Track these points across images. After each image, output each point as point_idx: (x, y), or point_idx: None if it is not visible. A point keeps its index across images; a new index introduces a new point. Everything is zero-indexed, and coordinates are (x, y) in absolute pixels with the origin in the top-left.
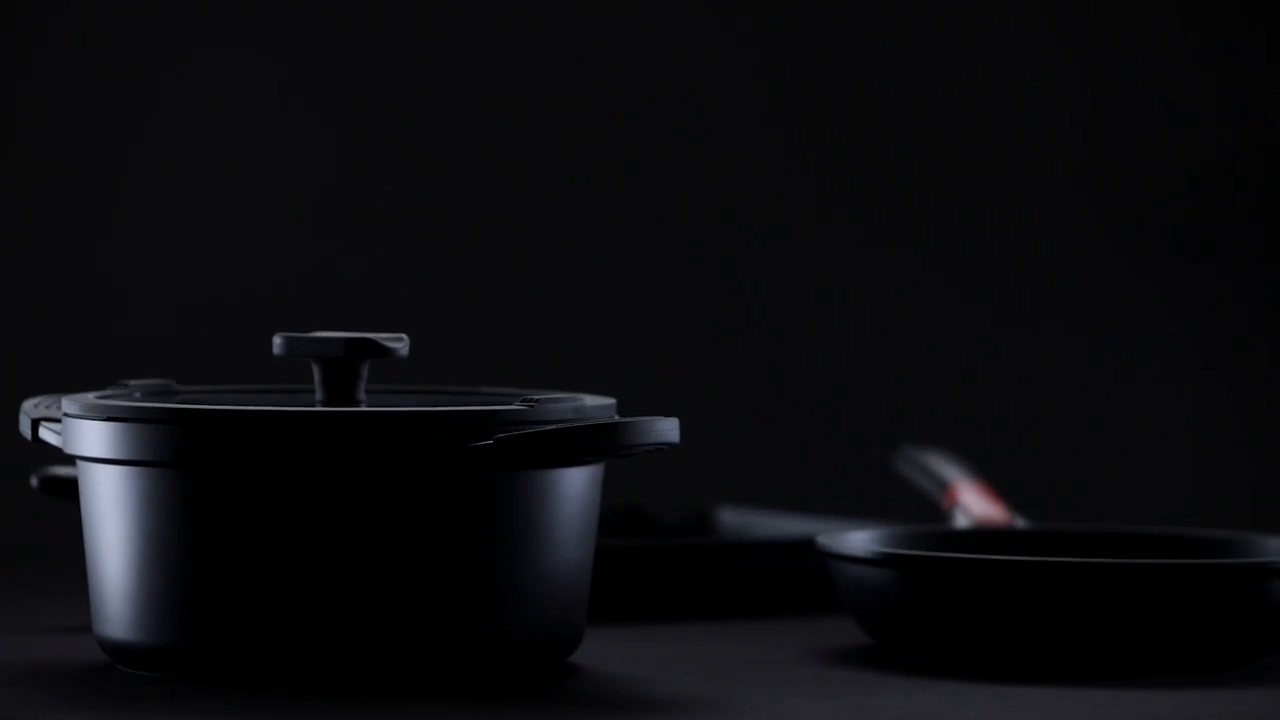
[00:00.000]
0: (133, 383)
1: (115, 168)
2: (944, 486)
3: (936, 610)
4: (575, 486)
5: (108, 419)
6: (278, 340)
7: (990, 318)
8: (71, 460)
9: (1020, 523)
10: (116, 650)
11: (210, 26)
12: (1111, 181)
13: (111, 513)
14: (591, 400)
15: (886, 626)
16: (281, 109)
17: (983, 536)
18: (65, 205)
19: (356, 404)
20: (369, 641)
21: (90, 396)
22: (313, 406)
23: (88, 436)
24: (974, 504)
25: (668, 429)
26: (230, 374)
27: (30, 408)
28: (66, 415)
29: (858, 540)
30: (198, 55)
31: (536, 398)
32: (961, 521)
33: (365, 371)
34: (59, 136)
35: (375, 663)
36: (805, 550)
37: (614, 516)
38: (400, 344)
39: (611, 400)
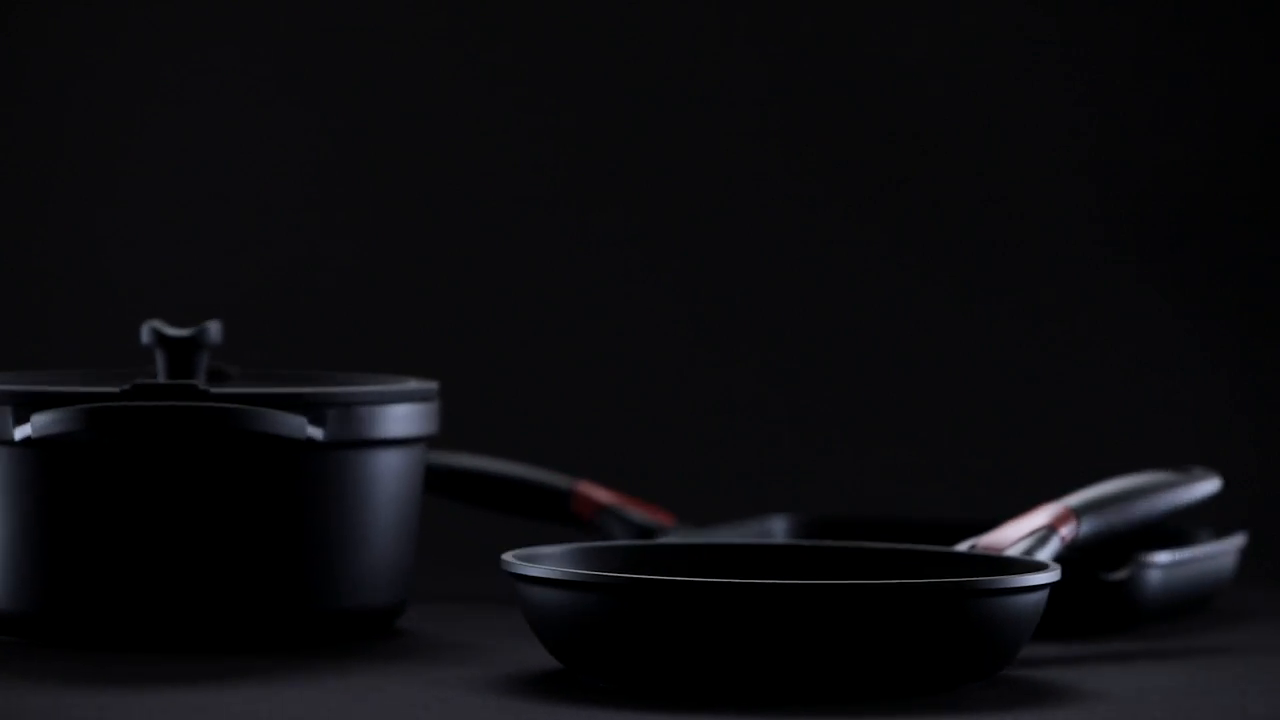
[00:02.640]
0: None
1: (113, 166)
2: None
3: (614, 633)
4: (392, 465)
5: None
6: (143, 329)
7: (990, 318)
8: None
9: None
10: None
11: (210, 25)
12: (1111, 181)
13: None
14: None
15: (567, 650)
16: (277, 107)
17: (678, 551)
18: (65, 203)
19: (189, 386)
20: (204, 606)
21: None
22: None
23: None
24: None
25: (291, 423)
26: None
27: None
28: None
29: (539, 559)
30: (197, 54)
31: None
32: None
33: (203, 358)
34: (59, 134)
35: (211, 625)
36: None
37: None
38: (206, 333)
39: (416, 383)
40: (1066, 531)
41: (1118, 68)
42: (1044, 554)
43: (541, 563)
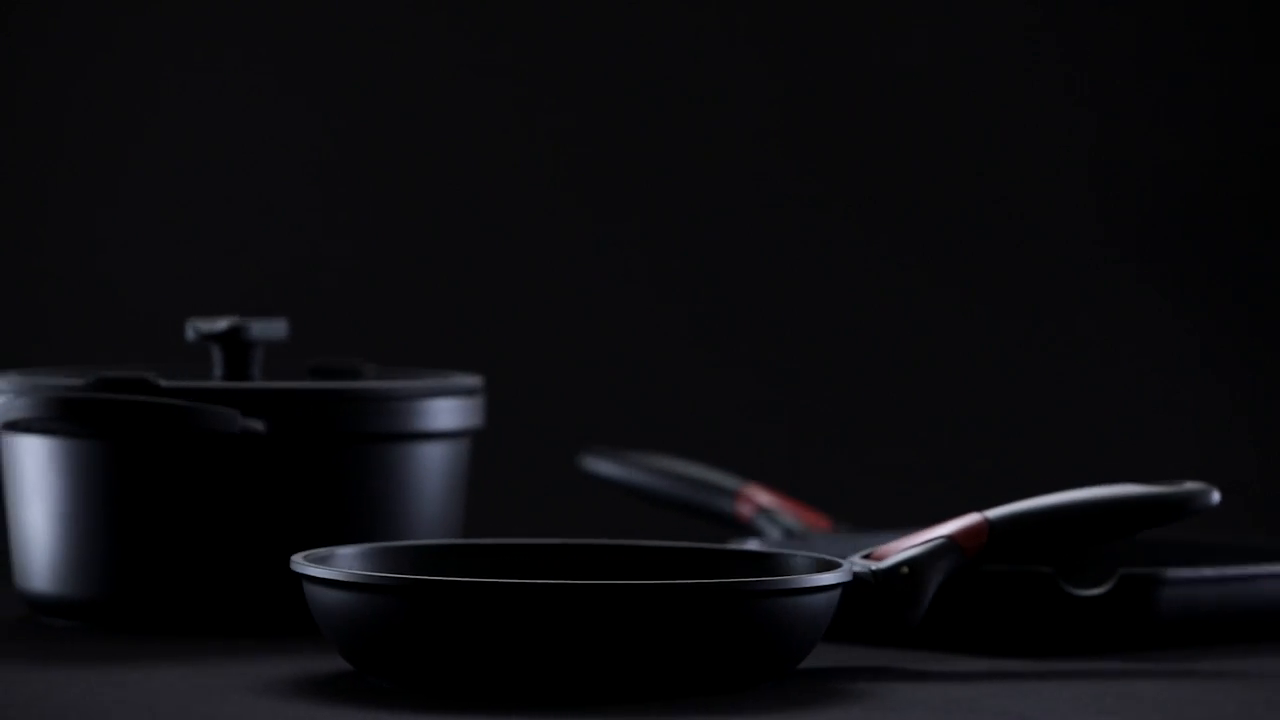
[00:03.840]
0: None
1: (112, 163)
2: (732, 492)
3: (395, 634)
4: (436, 458)
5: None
6: (188, 326)
7: (989, 318)
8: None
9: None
10: (37, 601)
11: (210, 25)
12: (1112, 181)
13: (36, 478)
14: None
15: (353, 651)
16: (278, 106)
17: (472, 551)
18: (65, 201)
19: (143, 380)
20: (241, 597)
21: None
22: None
23: (11, 410)
24: (786, 508)
25: (224, 417)
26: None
27: None
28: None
29: (326, 560)
30: (197, 54)
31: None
32: (773, 528)
33: (259, 353)
34: (59, 130)
35: (250, 614)
36: None
37: None
38: (275, 328)
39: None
40: (972, 544)
41: (1118, 68)
42: (938, 565)
43: (330, 564)
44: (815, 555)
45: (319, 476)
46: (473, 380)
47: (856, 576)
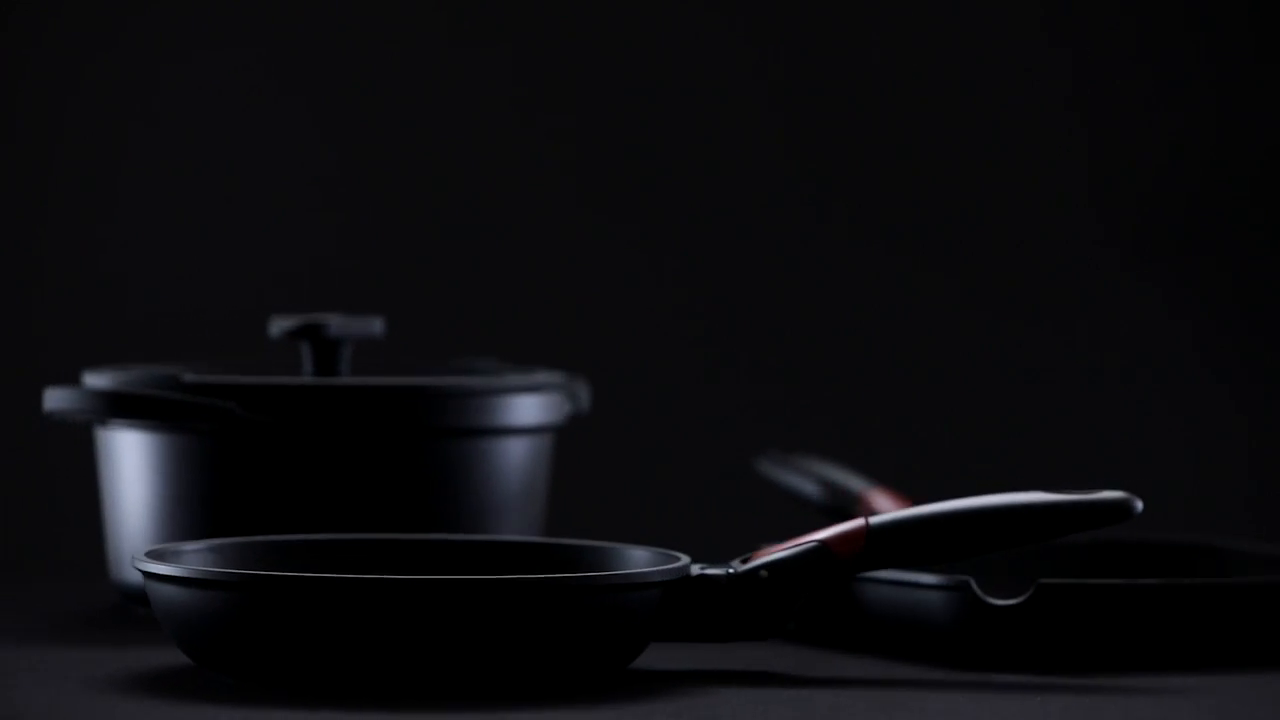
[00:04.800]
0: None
1: (113, 162)
2: (852, 496)
3: (233, 629)
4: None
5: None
6: (273, 323)
7: (989, 318)
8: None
9: None
10: (131, 592)
11: (211, 26)
12: (1112, 182)
13: (132, 471)
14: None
15: (192, 646)
16: (278, 106)
17: (312, 547)
18: (65, 199)
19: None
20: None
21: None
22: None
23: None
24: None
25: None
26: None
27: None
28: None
29: (167, 556)
30: (196, 52)
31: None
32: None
33: (347, 351)
34: (59, 129)
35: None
36: None
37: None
38: (374, 325)
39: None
40: (846, 550)
41: (1118, 68)
42: (805, 570)
43: (172, 559)
44: (669, 554)
45: (404, 471)
46: (554, 377)
47: (705, 578)
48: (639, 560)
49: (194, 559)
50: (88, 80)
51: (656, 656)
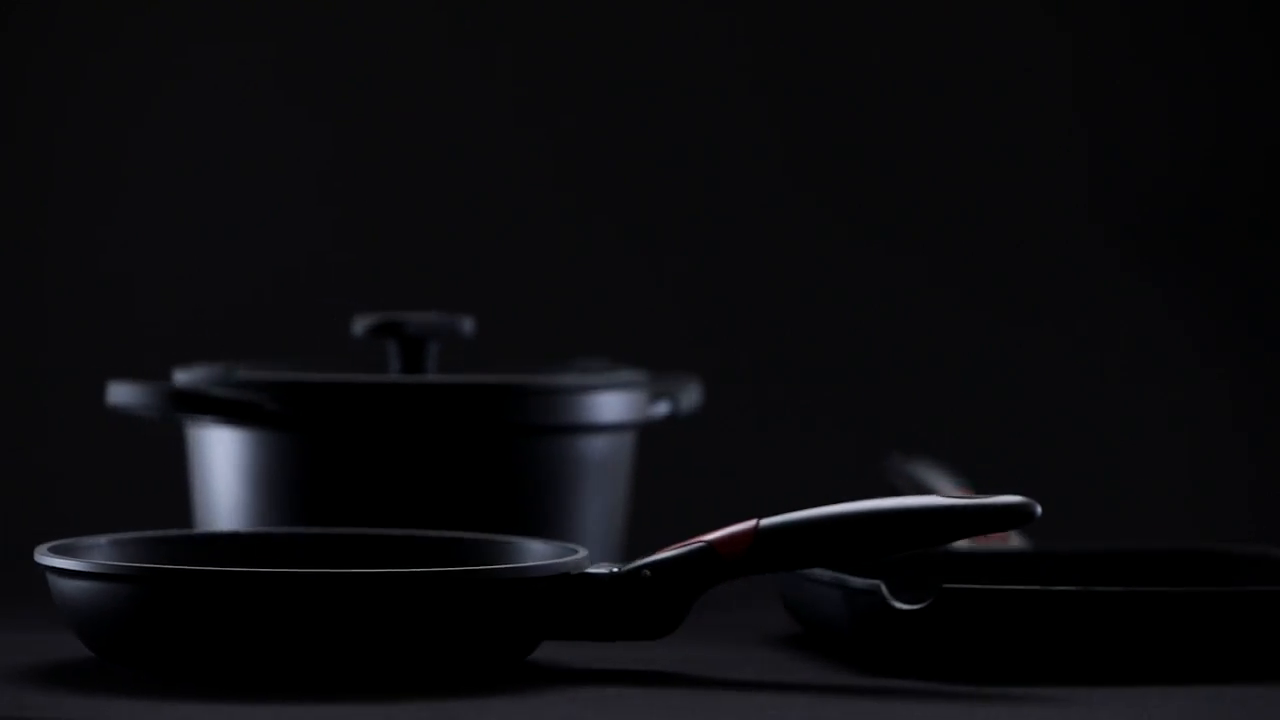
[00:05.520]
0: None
1: (117, 162)
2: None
3: (133, 622)
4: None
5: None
6: (358, 321)
7: (989, 319)
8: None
9: (1015, 537)
10: None
11: (212, 26)
12: (1112, 182)
13: (223, 467)
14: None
15: (92, 638)
16: (279, 107)
17: (215, 542)
18: (67, 201)
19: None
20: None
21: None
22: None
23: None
24: None
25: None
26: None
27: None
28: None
29: (69, 551)
30: (198, 51)
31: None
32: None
33: (433, 349)
34: (60, 129)
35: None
36: None
37: None
38: (466, 324)
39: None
40: (731, 551)
41: (1118, 68)
42: (690, 570)
43: (75, 554)
44: (568, 548)
45: (488, 468)
46: (637, 375)
47: (590, 576)
48: (537, 555)
49: (96, 553)
50: (87, 82)
51: (558, 653)
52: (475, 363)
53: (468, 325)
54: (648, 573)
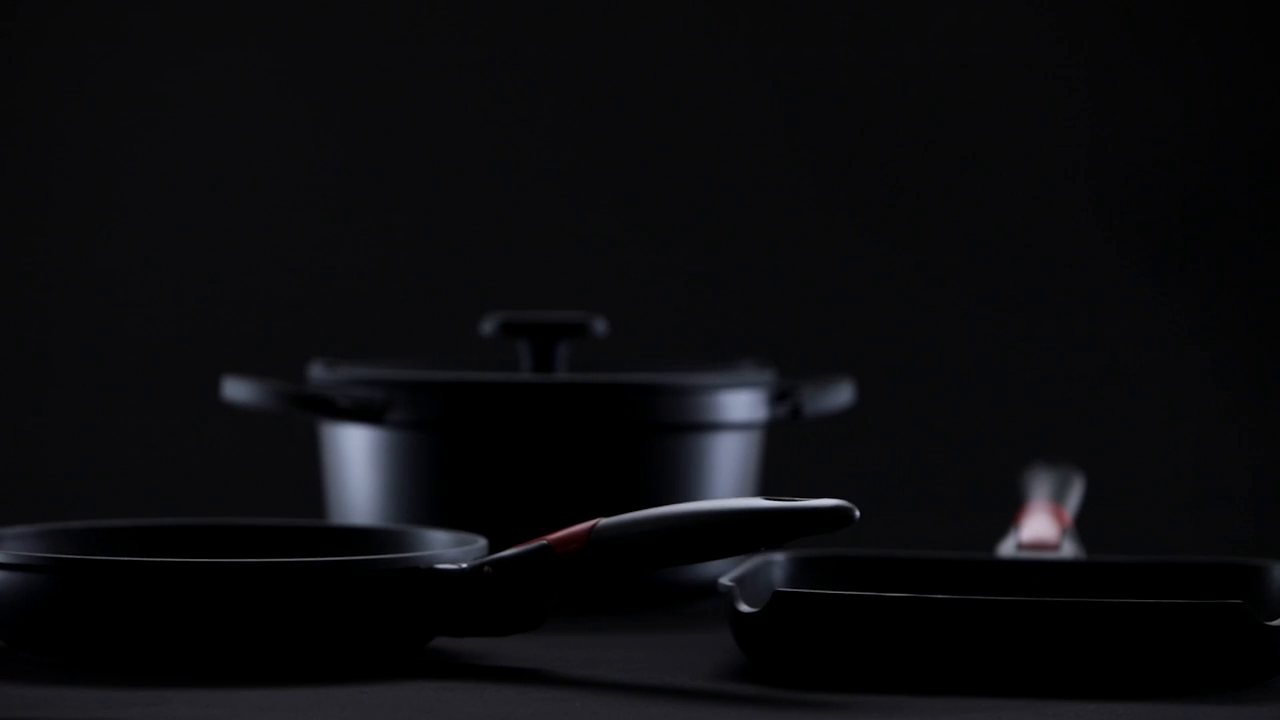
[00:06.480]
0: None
1: (118, 166)
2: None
3: (41, 611)
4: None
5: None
6: (488, 321)
7: (989, 319)
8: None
9: (1068, 547)
10: None
11: (213, 27)
12: (1112, 182)
13: (359, 464)
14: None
15: (3, 627)
16: (278, 107)
17: (121, 534)
18: (69, 203)
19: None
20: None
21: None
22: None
23: (357, 404)
24: (1028, 524)
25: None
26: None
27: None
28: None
29: None
30: (200, 53)
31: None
32: (1010, 542)
33: (564, 349)
34: (61, 131)
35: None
36: None
37: None
38: (600, 324)
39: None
40: (566, 550)
41: (1117, 67)
42: (529, 568)
43: None
44: (466, 537)
45: (618, 466)
46: (763, 375)
47: (438, 572)
48: (436, 544)
49: (12, 544)
50: (87, 82)
51: (468, 646)
52: (590, 363)
53: (600, 325)
54: (489, 569)
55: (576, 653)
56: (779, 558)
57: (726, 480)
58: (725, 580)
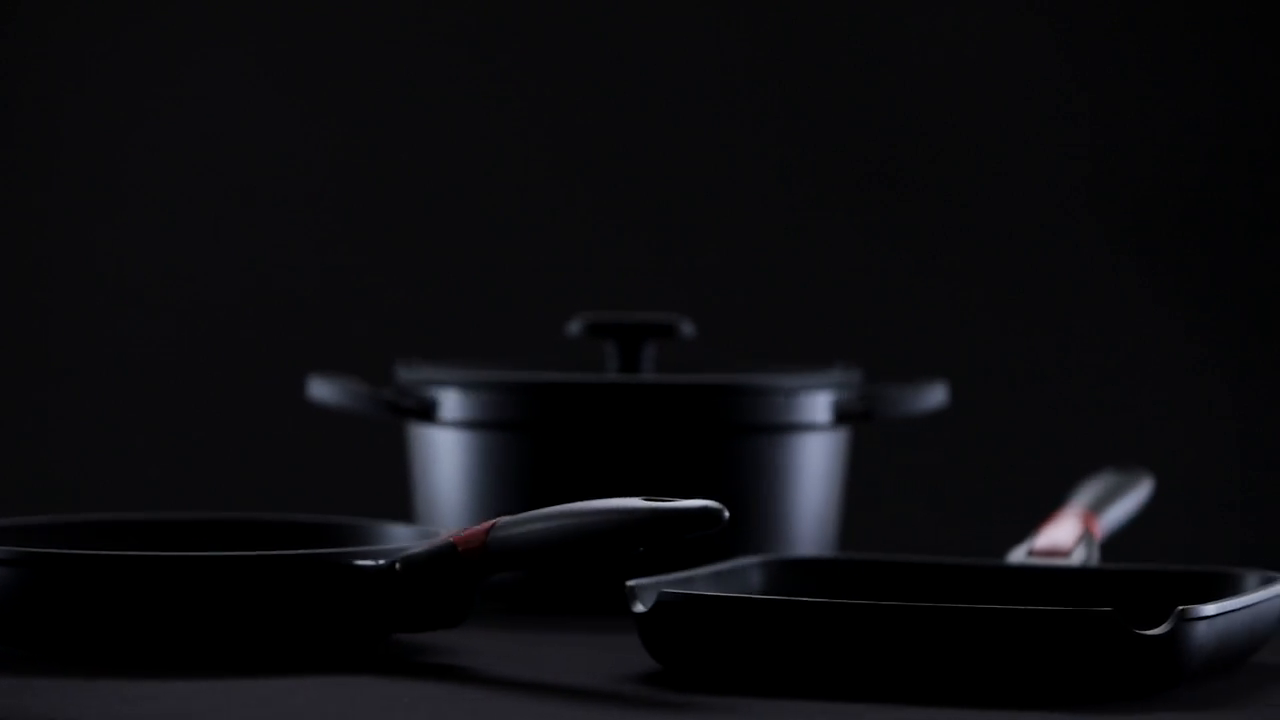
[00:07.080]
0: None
1: (119, 168)
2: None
3: (16, 604)
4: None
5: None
6: (575, 322)
7: (989, 319)
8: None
9: (1080, 555)
10: None
11: (214, 27)
12: (1112, 181)
13: (449, 466)
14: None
15: None
16: (278, 108)
17: (103, 528)
18: (69, 204)
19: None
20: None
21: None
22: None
23: (445, 404)
24: (1048, 530)
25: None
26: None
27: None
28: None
29: None
30: (201, 53)
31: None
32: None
33: (650, 350)
34: (62, 133)
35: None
36: None
37: None
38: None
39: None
40: (467, 548)
41: (1117, 67)
42: (434, 565)
43: None
44: (429, 531)
45: (705, 466)
46: (848, 376)
47: (357, 568)
48: (395, 538)
49: None
50: (88, 82)
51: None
52: (677, 365)
53: (687, 326)
54: (398, 566)
55: (504, 649)
56: (771, 559)
57: (811, 481)
58: (633, 581)
